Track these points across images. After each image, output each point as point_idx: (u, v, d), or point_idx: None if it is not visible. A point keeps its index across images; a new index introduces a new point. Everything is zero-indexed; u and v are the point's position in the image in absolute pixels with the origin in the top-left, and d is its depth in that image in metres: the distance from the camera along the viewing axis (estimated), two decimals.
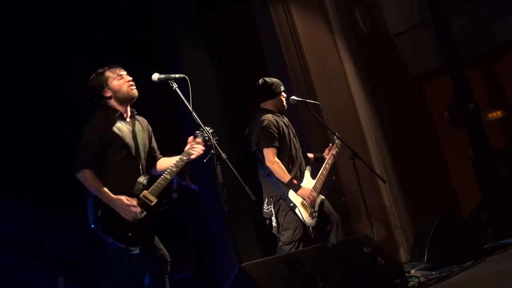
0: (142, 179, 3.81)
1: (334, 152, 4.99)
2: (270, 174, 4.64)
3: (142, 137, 3.94)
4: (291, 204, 4.54)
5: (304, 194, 4.59)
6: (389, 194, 6.42)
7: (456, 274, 4.41)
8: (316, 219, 4.61)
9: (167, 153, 4.11)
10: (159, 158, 4.09)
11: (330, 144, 5.07)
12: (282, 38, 6.20)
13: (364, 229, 5.67)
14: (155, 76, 3.90)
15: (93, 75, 3.91)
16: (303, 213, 4.52)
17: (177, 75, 3.88)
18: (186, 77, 3.86)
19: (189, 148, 3.91)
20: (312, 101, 5.43)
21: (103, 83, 3.85)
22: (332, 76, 6.62)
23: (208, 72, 6.54)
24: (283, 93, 4.88)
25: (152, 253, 3.79)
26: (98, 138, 3.73)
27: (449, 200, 7.11)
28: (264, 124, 4.65)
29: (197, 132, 3.97)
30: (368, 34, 7.15)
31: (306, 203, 4.59)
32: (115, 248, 3.63)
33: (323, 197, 4.80)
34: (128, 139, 3.83)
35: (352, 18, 7.01)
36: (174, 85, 3.84)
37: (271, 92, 4.87)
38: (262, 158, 4.67)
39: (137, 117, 3.99)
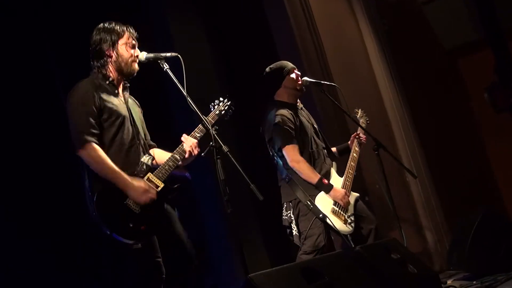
0: (146, 159, 3.81)
1: (359, 137, 5.03)
2: (289, 178, 4.69)
3: (136, 112, 3.98)
4: (320, 215, 4.59)
5: (337, 196, 4.66)
6: (420, 191, 6.44)
7: (502, 283, 4.43)
8: (353, 224, 4.68)
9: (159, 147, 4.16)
10: (153, 146, 4.12)
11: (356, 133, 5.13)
12: (290, 8, 6.20)
13: (392, 232, 5.68)
14: (143, 56, 3.95)
15: (107, 25, 3.91)
16: (335, 222, 4.58)
17: (168, 54, 3.92)
18: (179, 56, 3.88)
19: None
20: (327, 83, 5.44)
21: (113, 41, 3.86)
22: (350, 52, 6.62)
23: (204, 49, 6.54)
24: (292, 74, 4.90)
25: (168, 247, 3.83)
26: (93, 104, 3.72)
27: (491, 197, 7.10)
28: (276, 121, 4.72)
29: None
30: (393, 1, 7.13)
31: (337, 209, 4.66)
32: (115, 241, 3.58)
33: (357, 194, 4.85)
34: (122, 109, 3.85)
35: None
36: (165, 65, 3.87)
37: (277, 79, 4.91)
38: (279, 159, 4.76)
39: (130, 94, 4.03)
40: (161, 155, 4.00)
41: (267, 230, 6.15)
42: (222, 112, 4.17)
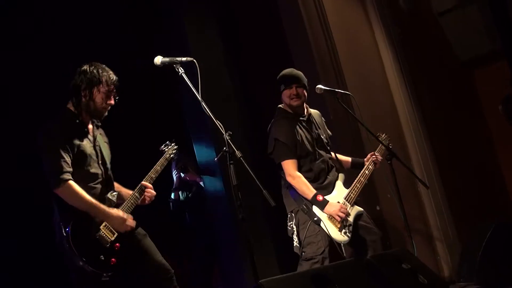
0: (111, 196, 3.95)
1: (375, 158, 5.00)
2: (289, 186, 4.72)
3: (105, 148, 4.08)
4: (315, 218, 4.58)
5: (332, 212, 4.62)
6: (432, 202, 6.40)
7: None
8: (350, 234, 4.63)
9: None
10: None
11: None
12: (306, 15, 6.19)
13: (403, 242, 5.66)
14: (158, 60, 3.96)
15: (88, 69, 3.97)
16: (330, 228, 4.55)
17: (183, 59, 3.94)
18: (194, 60, 3.90)
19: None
20: (342, 91, 5.42)
21: (91, 86, 3.92)
22: (365, 61, 6.61)
23: (219, 54, 6.56)
24: (287, 90, 4.83)
25: (144, 271, 3.93)
26: (65, 144, 3.80)
27: (504, 208, 7.06)
28: (276, 136, 4.72)
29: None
30: (409, 11, 7.12)
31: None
32: (83, 274, 3.65)
33: (360, 209, 4.81)
34: (89, 149, 3.93)
35: None
36: (180, 70, 3.89)
37: (278, 87, 4.87)
38: (279, 170, 4.77)
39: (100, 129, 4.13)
40: (121, 189, 4.17)
41: (278, 236, 6.13)
42: (171, 156, 4.40)
